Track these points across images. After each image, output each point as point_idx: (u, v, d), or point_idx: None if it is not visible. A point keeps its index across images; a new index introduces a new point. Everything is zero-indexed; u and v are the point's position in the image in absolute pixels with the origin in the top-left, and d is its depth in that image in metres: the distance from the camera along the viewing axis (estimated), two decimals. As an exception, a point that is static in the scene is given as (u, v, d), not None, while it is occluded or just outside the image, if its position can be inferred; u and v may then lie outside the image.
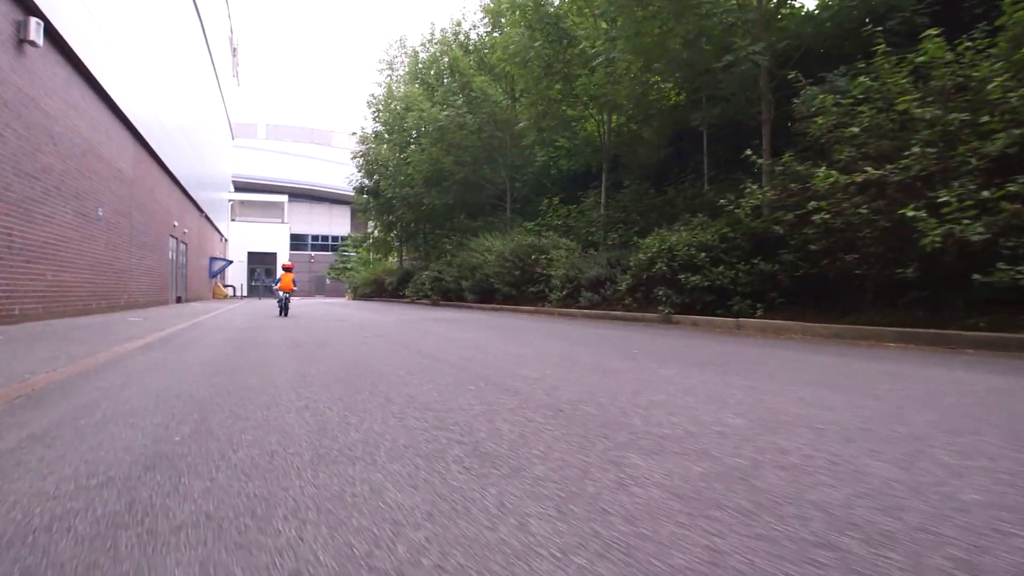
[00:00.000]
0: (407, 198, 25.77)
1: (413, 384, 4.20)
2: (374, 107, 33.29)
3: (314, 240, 75.88)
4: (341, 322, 11.78)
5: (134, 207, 18.33)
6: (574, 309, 13.40)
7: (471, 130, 20.27)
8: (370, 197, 34.63)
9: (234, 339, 7.93)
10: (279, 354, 6.08)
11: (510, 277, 16.99)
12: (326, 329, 9.78)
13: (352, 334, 8.60)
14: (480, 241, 19.10)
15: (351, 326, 10.55)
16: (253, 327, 10.51)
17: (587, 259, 13.90)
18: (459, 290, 20.97)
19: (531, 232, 17.77)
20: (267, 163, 69.80)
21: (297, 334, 8.73)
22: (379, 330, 9.47)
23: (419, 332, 8.99)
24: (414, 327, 10.15)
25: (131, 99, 17.36)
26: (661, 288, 10.36)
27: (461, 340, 7.64)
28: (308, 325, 10.98)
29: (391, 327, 10.18)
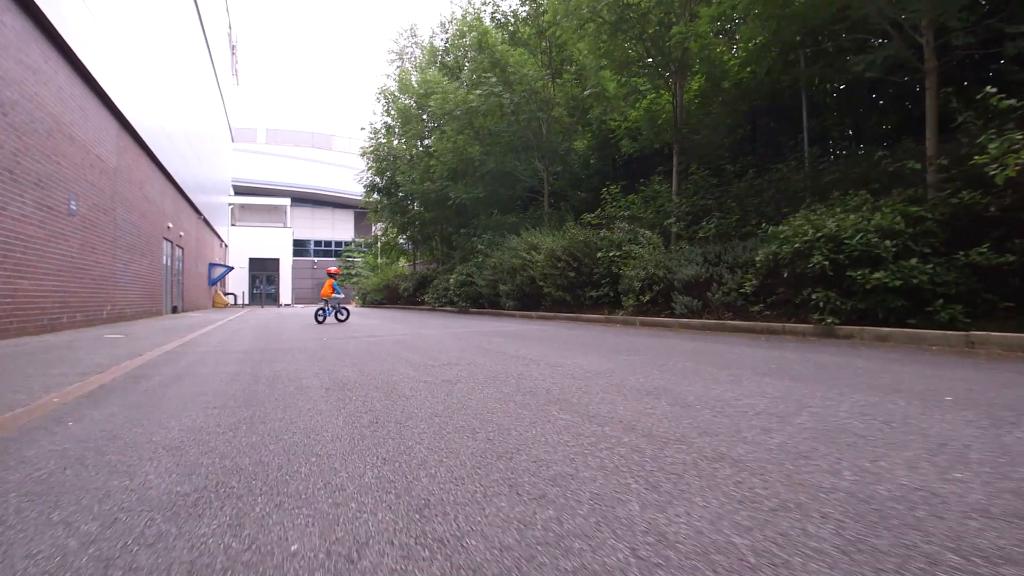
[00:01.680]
0: (427, 194, 23.03)
1: (670, 513, 1.55)
2: (385, 100, 30.69)
3: (317, 246, 73.33)
4: (374, 338, 9.10)
5: (119, 203, 15.67)
6: (664, 317, 10.70)
7: (507, 111, 17.56)
8: (382, 196, 31.98)
9: (240, 375, 5.25)
10: (324, 416, 3.37)
11: (563, 280, 14.30)
12: (368, 352, 7.09)
13: (410, 361, 5.94)
14: (524, 238, 16.39)
15: (395, 346, 7.85)
16: (265, 349, 7.81)
17: (674, 255, 11.20)
18: (493, 296, 18.27)
19: (588, 226, 15.05)
20: (268, 167, 67.29)
21: (332, 363, 6.05)
22: (441, 352, 6.78)
23: (504, 357, 6.30)
24: (483, 347, 7.46)
25: (114, 77, 14.71)
26: (817, 290, 7.64)
27: (592, 373, 4.95)
28: (339, 345, 8.28)
29: (452, 347, 7.48)
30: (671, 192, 14.04)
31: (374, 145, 31.46)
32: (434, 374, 5.01)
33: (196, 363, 6.21)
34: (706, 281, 10.11)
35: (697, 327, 9.64)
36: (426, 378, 4.79)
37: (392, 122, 30.15)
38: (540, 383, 4.48)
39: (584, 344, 7.58)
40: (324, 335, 10.24)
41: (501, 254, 17.72)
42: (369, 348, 7.55)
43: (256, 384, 4.64)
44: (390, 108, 30.49)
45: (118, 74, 15.14)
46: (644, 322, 10.94)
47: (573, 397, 3.84)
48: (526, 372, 5.09)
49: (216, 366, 5.88)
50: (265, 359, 6.46)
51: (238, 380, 4.85)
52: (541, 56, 17.90)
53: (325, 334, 10.53)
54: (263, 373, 5.26)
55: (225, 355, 7.03)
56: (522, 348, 7.18)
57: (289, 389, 4.34)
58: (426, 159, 23.74)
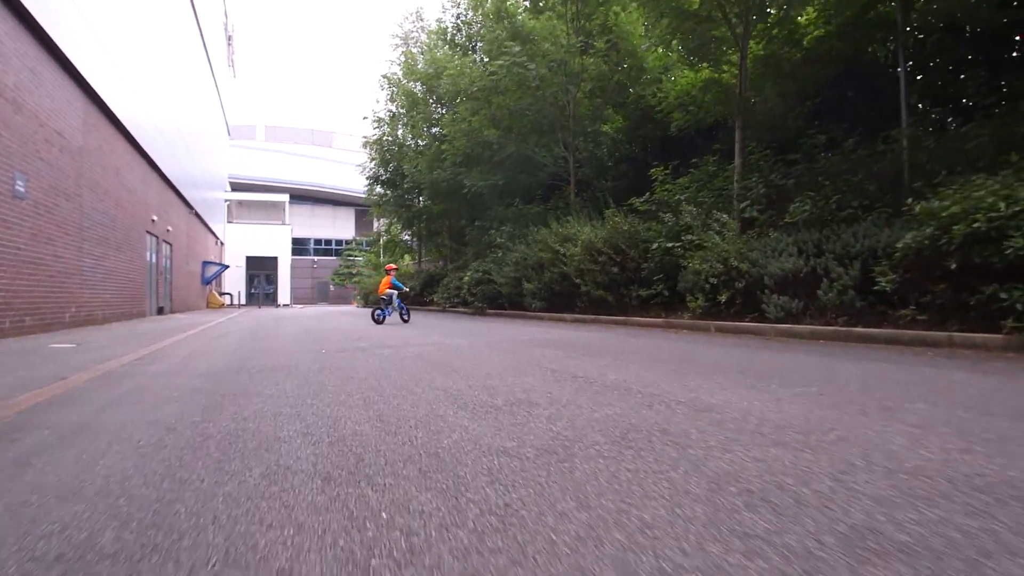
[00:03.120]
0: (437, 183, 20.80)
1: None
2: (389, 85, 28.53)
3: (317, 244, 71.24)
4: (388, 349, 6.95)
5: (86, 188, 13.51)
6: (750, 322, 8.54)
7: (532, 85, 15.37)
8: (386, 188, 29.83)
9: (175, 430, 3.11)
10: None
11: (603, 276, 12.13)
12: (385, 377, 4.95)
13: (453, 394, 3.79)
14: (553, 229, 14.21)
15: (420, 364, 5.69)
16: (241, 368, 5.65)
17: (756, 245, 9.02)
18: (515, 295, 16.10)
19: (632, 213, 12.86)
20: (266, 163, 65.18)
21: (333, 401, 3.91)
22: (492, 377, 4.62)
23: (593, 388, 4.18)
24: (544, 366, 5.33)
25: (81, 43, 12.57)
26: (1017, 286, 5.48)
27: (787, 426, 2.75)
28: (343, 361, 6.12)
29: (502, 367, 5.34)
30: (730, 173, 11.89)
31: (378, 135, 29.31)
32: (507, 427, 2.88)
33: (122, 400, 4.05)
34: (809, 276, 7.94)
35: (804, 335, 7.46)
36: (499, 439, 2.66)
37: (397, 109, 27.99)
38: (727, 457, 2.32)
39: (686, 362, 5.42)
40: (324, 345, 8.08)
41: (525, 248, 15.55)
42: (384, 368, 5.39)
43: (191, 459, 2.49)
44: (395, 95, 28.36)
45: (86, 42, 13.00)
46: (722, 328, 8.77)
47: (885, 523, 1.69)
48: (666, 423, 2.94)
49: (149, 409, 3.71)
50: (233, 390, 4.29)
51: (160, 451, 2.69)
52: (570, 22, 15.70)
53: (326, 343, 8.37)
54: (216, 428, 3.09)
55: (180, 381, 4.86)
56: (602, 368, 5.02)
57: (248, 481, 2.19)
58: (436, 144, 21.56)
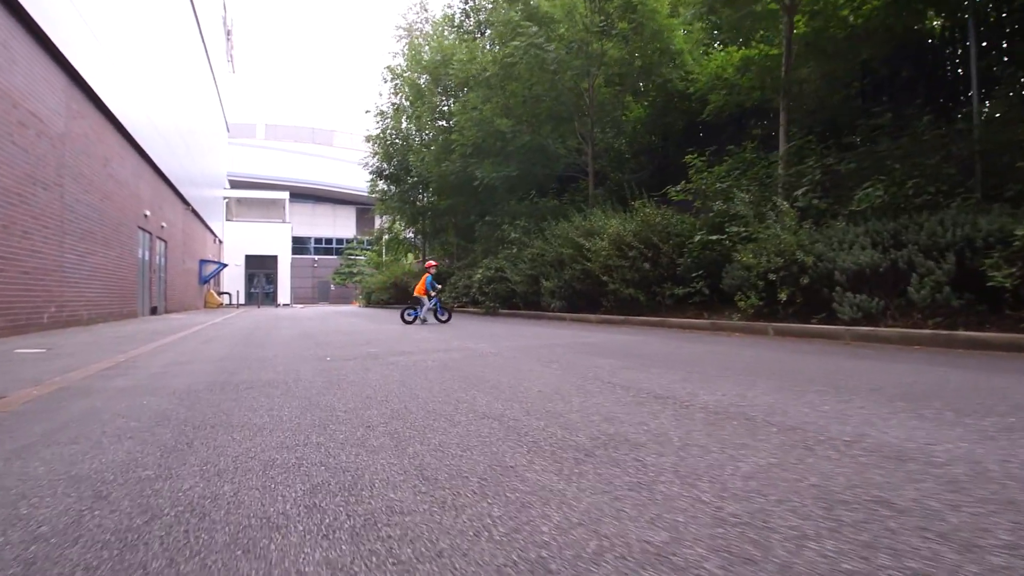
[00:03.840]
0: (445, 176, 19.68)
1: None
2: (392, 77, 27.46)
3: (317, 243, 70.17)
4: (404, 357, 5.88)
5: (68, 178, 12.44)
6: (818, 324, 7.45)
7: (549, 68, 14.27)
8: (389, 184, 28.76)
9: (79, 525, 2.02)
10: None
11: (633, 274, 11.06)
12: (409, 394, 3.90)
13: (512, 425, 2.72)
14: (575, 222, 13.13)
15: (450, 377, 4.62)
16: (226, 384, 4.59)
17: (820, 236, 7.92)
18: (531, 294, 15.03)
19: (664, 204, 11.77)
20: (266, 161, 64.14)
21: (345, 442, 2.84)
22: (555, 399, 3.54)
23: (709, 418, 3.11)
24: (609, 381, 4.28)
25: (60, 16, 11.52)
26: None
27: None
28: (350, 373, 5.05)
29: (557, 384, 4.27)
30: (772, 160, 10.81)
31: (381, 128, 28.24)
32: (626, 494, 1.79)
33: (57, 434, 2.95)
34: (889, 272, 6.86)
35: (892, 339, 6.36)
36: (634, 526, 1.57)
37: (402, 102, 26.92)
38: None
39: (776, 374, 4.34)
40: (328, 351, 7.00)
41: (543, 243, 14.47)
42: (406, 383, 4.31)
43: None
44: (399, 87, 27.31)
45: (69, 20, 11.95)
46: (782, 330, 7.68)
47: None
48: (867, 483, 1.85)
49: (86, 451, 2.61)
50: (211, 419, 3.20)
51: (54, 567, 1.61)
52: (589, 1, 14.58)
53: (330, 348, 7.29)
54: (170, 495, 2.01)
55: (146, 402, 3.78)
56: (680, 383, 3.94)
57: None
58: (444, 136, 20.46)
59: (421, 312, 13.01)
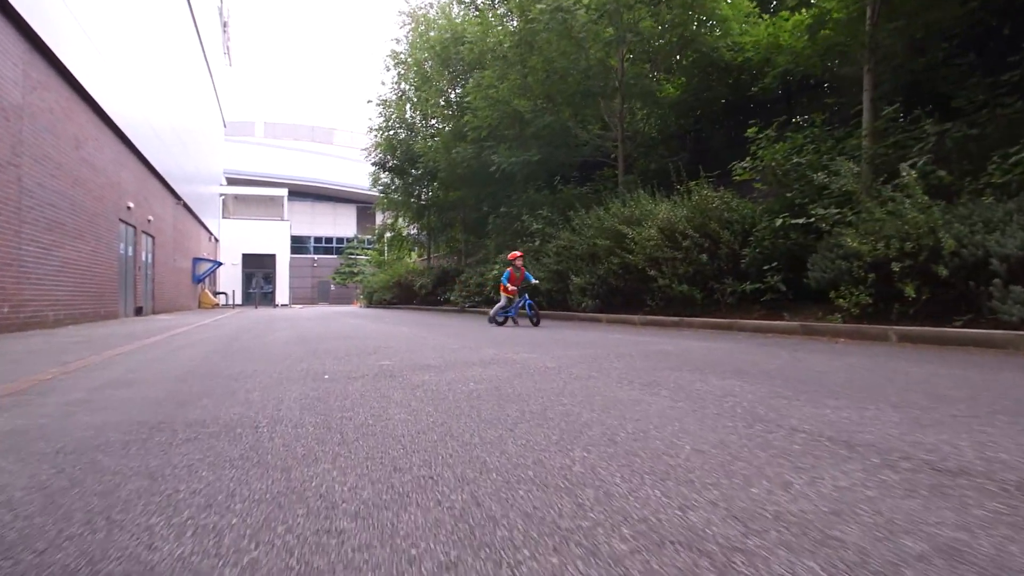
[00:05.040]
0: (455, 164, 17.95)
1: None
2: (395, 64, 25.78)
3: (317, 242, 68.45)
4: (427, 373, 4.20)
5: (28, 157, 10.76)
6: (970, 328, 5.75)
7: (577, 36, 12.55)
8: (393, 176, 27.08)
9: None
10: None
11: (686, 267, 9.38)
12: (461, 485, 2.19)
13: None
14: (613, 211, 11.45)
15: (570, 429, 2.94)
16: (168, 423, 2.90)
17: (955, 216, 6.21)
18: (557, 292, 13.33)
19: (726, 184, 10.04)
20: (265, 158, 62.48)
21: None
22: (787, 498, 1.90)
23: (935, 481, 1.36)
24: (738, 410, 2.56)
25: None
26: None
27: None
28: (352, 406, 3.36)
29: (691, 426, 2.58)
30: (845, 133, 9.12)
31: (384, 117, 26.54)
32: None
33: None
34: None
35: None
36: None
37: (407, 87, 25.22)
38: None
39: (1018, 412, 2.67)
40: (326, 363, 5.31)
41: (571, 235, 12.78)
42: (452, 430, 2.62)
43: None
44: (403, 74, 25.63)
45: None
46: (909, 335, 5.98)
47: None
48: None
49: None
50: (76, 545, 1.52)
51: None
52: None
53: (328, 359, 5.60)
54: None
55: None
56: (899, 427, 2.26)
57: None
58: (454, 120, 18.79)
59: (513, 312, 11.22)
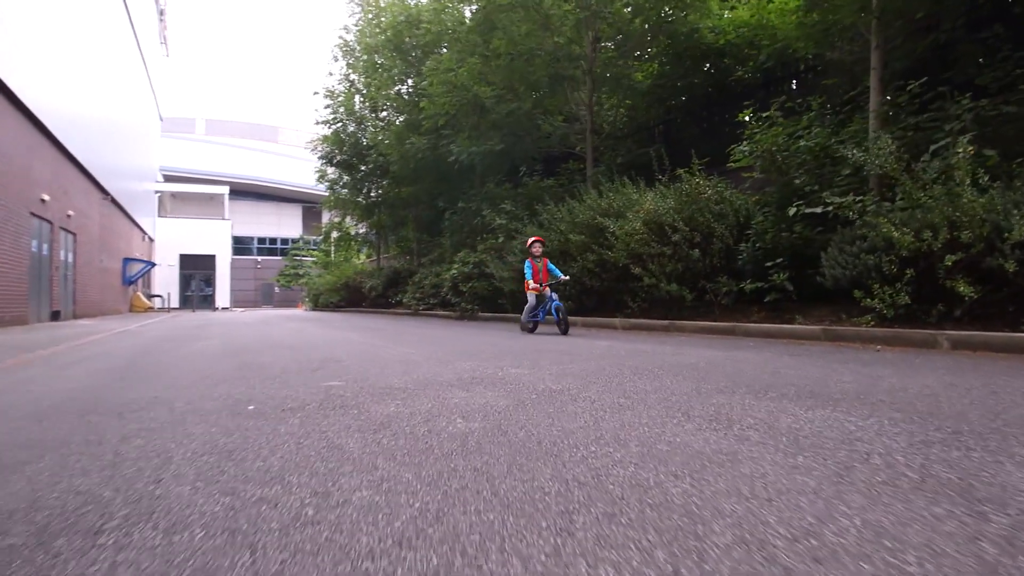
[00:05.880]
0: (410, 156, 16.61)
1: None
2: (344, 53, 24.20)
3: (260, 243, 65.64)
4: (410, 404, 3.02)
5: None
6: (1019, 334, 4.83)
7: (544, 12, 11.45)
8: (340, 172, 25.52)
9: None
10: None
11: (675, 264, 8.36)
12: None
13: None
14: (590, 202, 10.37)
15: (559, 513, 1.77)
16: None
17: (999, 201, 5.30)
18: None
19: (722, 174, 9.04)
20: (205, 155, 59.50)
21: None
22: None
23: None
24: (882, 473, 1.45)
25: None
26: None
27: None
28: (343, 522, 2.11)
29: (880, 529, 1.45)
30: (848, 118, 8.26)
31: (332, 108, 24.90)
32: None
33: None
34: None
35: None
36: None
37: (355, 76, 23.69)
38: None
39: None
40: (258, 384, 4.03)
41: (539, 230, 11.67)
42: (459, 557, 1.46)
43: None
44: (351, 63, 24.08)
45: None
46: (963, 341, 5.04)
47: None
48: None
49: None
50: None
51: None
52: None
53: (260, 382, 4.31)
54: None
55: None
56: None
57: None
58: (411, 105, 17.46)
59: (542, 316, 8.90)
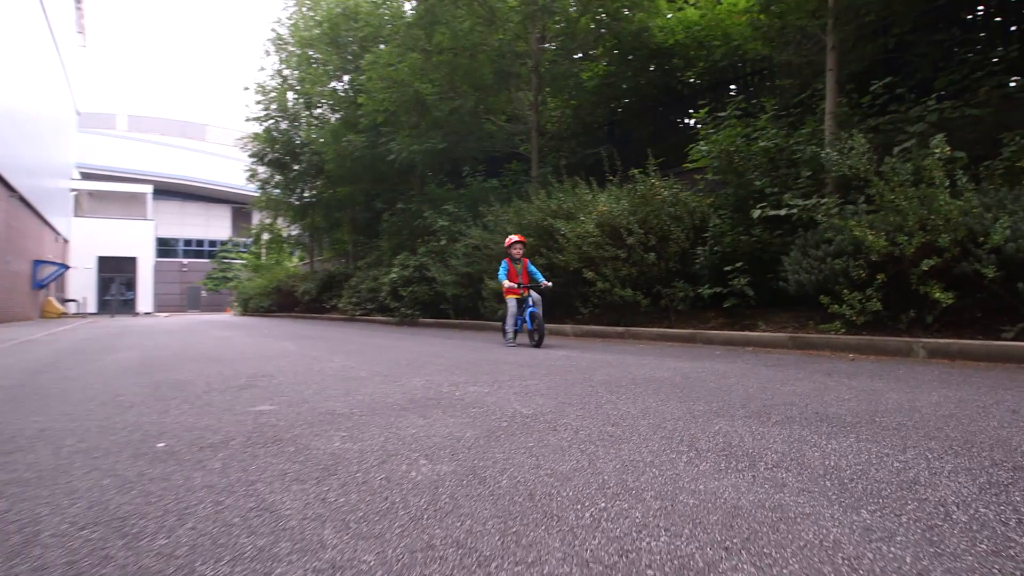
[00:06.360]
0: (347, 155, 15.80)
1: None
2: (277, 51, 23.06)
3: (187, 245, 62.76)
4: (350, 432, 2.46)
5: None
6: (999, 341, 4.62)
7: (488, 5, 10.97)
8: (272, 171, 24.37)
9: None
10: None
11: (630, 268, 8.00)
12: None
13: None
14: (540, 203, 9.92)
15: None
16: None
17: (975, 204, 5.10)
18: (467, 297, 11.65)
19: (669, 175, 8.74)
20: (127, 152, 56.38)
21: None
22: None
23: None
24: None
25: None
26: None
27: None
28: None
29: None
30: (799, 121, 8.11)
31: (264, 104, 23.73)
32: None
33: None
34: None
35: None
36: None
37: (289, 71, 22.62)
38: None
39: None
40: (173, 409, 3.36)
41: (483, 232, 11.16)
42: None
43: None
44: (284, 57, 22.99)
45: None
46: (939, 349, 4.80)
47: None
48: None
49: None
50: None
51: None
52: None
53: (179, 400, 3.63)
54: None
55: None
56: None
57: None
58: (348, 102, 16.69)
59: (520, 324, 7.60)
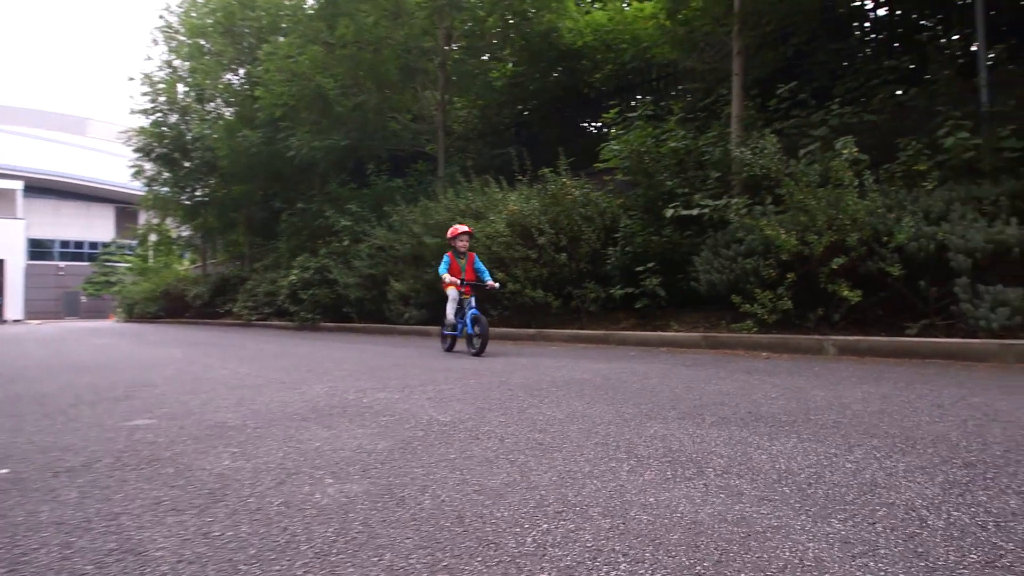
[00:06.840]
0: (242, 151, 14.89)
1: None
2: (165, 40, 21.56)
3: (64, 247, 58.04)
4: (235, 459, 2.06)
5: None
6: (910, 338, 4.72)
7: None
8: (160, 167, 22.76)
9: None
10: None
11: (540, 269, 7.84)
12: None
13: None
14: (449, 201, 9.60)
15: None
16: None
17: (880, 204, 5.22)
18: (372, 300, 11.18)
19: (589, 174, 8.64)
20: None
21: None
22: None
23: None
24: None
25: None
26: None
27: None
28: None
29: None
30: (703, 125, 8.26)
31: (151, 96, 22.12)
32: None
33: None
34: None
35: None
36: None
37: (179, 61, 21.20)
38: None
39: None
40: (30, 427, 2.82)
41: (389, 233, 10.73)
42: None
43: None
44: (173, 46, 21.51)
45: None
46: (849, 347, 4.87)
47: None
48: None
49: None
50: None
51: None
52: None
53: (37, 416, 3.08)
54: None
55: None
56: None
57: None
58: (245, 95, 15.77)
59: (461, 328, 6.52)
